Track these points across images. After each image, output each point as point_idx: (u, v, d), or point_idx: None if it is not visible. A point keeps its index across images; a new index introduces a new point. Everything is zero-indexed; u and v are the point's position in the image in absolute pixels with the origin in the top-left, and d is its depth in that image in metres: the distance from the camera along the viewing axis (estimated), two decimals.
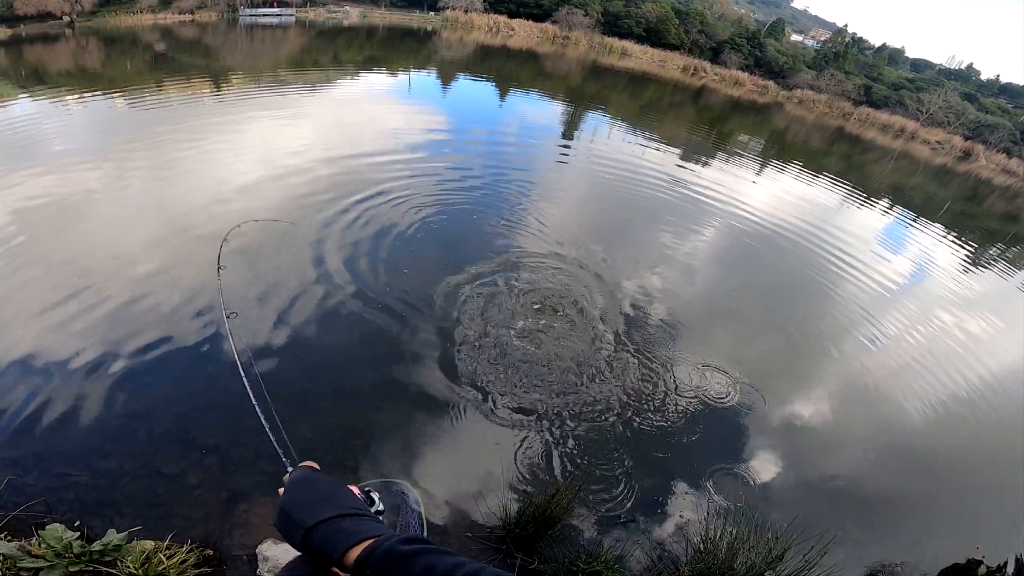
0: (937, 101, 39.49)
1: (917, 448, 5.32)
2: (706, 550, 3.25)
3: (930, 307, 8.79)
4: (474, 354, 4.93)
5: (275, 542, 2.85)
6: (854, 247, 10.50)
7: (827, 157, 22.85)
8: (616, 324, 5.86)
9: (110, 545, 2.48)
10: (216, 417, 3.89)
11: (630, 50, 42.06)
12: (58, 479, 3.27)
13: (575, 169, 11.83)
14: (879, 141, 32.42)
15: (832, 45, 48.31)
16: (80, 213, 6.51)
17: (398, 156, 9.93)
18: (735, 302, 7.12)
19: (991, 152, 35.94)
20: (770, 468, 4.49)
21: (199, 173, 8.04)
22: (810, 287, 8.37)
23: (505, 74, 25.41)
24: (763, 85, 41.13)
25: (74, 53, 19.28)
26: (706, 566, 3.10)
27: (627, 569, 3.30)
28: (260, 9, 32.18)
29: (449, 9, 40.28)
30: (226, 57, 21.09)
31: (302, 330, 4.95)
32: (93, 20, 25.36)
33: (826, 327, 7.15)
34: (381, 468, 3.66)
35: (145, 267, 5.49)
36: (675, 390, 5.06)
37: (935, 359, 7.02)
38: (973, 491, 4.98)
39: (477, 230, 7.53)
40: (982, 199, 24.22)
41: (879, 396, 5.97)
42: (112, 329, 4.58)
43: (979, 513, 4.71)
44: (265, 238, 6.25)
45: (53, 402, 3.82)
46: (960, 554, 4.17)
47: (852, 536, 4.06)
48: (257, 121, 11.34)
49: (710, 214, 10.39)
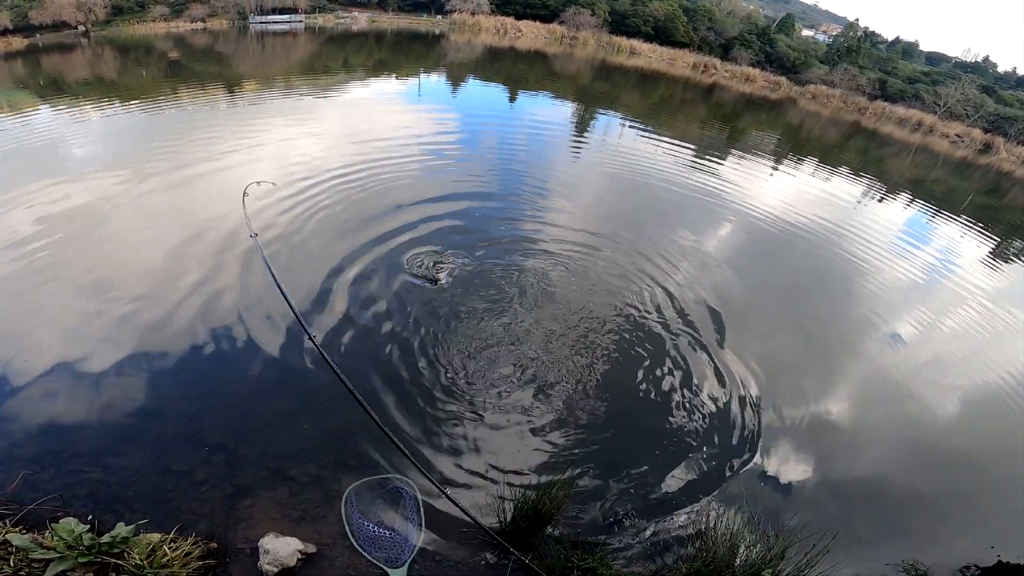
0: (955, 94, 38.61)
1: (929, 446, 5.23)
2: (705, 547, 3.23)
3: (950, 305, 8.59)
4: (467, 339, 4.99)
5: (276, 536, 2.90)
6: (874, 242, 10.35)
7: (844, 152, 22.49)
8: (621, 320, 5.86)
9: (118, 537, 2.55)
10: (223, 416, 3.99)
11: (639, 49, 41.81)
12: (73, 475, 3.39)
13: (588, 168, 11.81)
14: (896, 136, 31.80)
15: (844, 40, 47.54)
16: (98, 218, 6.69)
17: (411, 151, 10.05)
18: (746, 299, 7.04)
19: (1012, 145, 35.03)
20: (773, 465, 4.45)
21: (213, 179, 8.21)
22: (826, 283, 8.25)
23: (514, 76, 25.46)
24: (775, 81, 40.59)
25: (90, 62, 19.76)
26: (704, 563, 3.07)
27: (623, 565, 3.30)
28: (270, 16, 32.67)
29: (456, 12, 40.49)
30: (239, 63, 21.44)
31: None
32: (107, 29, 25.96)
33: (839, 324, 7.05)
34: (379, 465, 3.73)
35: (158, 273, 5.63)
36: (676, 386, 5.04)
37: (952, 356, 6.88)
38: (987, 491, 4.86)
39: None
40: (1004, 192, 23.63)
41: (890, 393, 5.88)
42: (124, 333, 4.71)
43: (994, 513, 4.60)
44: (281, 248, 6.38)
45: (69, 402, 3.95)
46: (974, 555, 4.07)
47: (860, 535, 4.00)
48: (278, 126, 11.51)
49: (726, 210, 10.31)
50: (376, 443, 3.89)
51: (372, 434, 3.96)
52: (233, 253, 6.09)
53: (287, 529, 3.08)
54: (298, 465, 3.63)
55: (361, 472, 3.54)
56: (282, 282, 4.58)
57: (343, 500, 2.75)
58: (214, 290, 5.40)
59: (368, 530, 2.67)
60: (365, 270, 6.10)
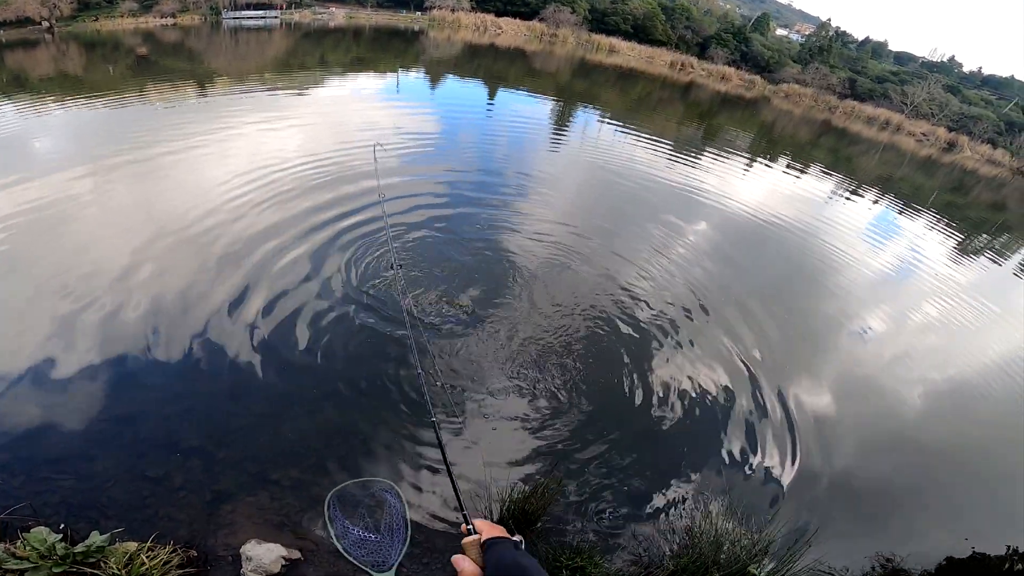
0: (921, 94, 39.94)
1: (905, 440, 5.37)
2: (691, 544, 3.28)
3: (920, 298, 8.92)
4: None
5: (259, 542, 2.86)
6: (844, 239, 10.64)
7: (815, 150, 23.04)
8: (601, 319, 5.91)
9: (93, 547, 2.49)
10: (200, 419, 3.90)
11: (617, 47, 42.13)
12: (43, 483, 3.28)
13: (567, 165, 11.86)
14: (865, 134, 32.72)
15: (816, 39, 48.69)
16: (61, 217, 6.44)
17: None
18: (724, 295, 7.16)
19: (975, 143, 36.42)
20: (756, 462, 4.54)
21: (179, 180, 8.00)
22: (800, 280, 8.46)
23: (495, 73, 25.38)
24: (750, 80, 41.39)
25: (55, 58, 19.03)
26: (690, 560, 3.12)
27: (611, 563, 3.33)
28: (244, 12, 31.89)
29: (436, 8, 40.15)
30: (211, 60, 20.91)
31: (295, 333, 4.96)
32: (73, 25, 25.03)
33: (816, 320, 7.23)
34: (362, 468, 3.70)
35: (126, 274, 5.44)
36: (659, 384, 5.12)
37: (924, 350, 7.12)
38: (961, 483, 5.03)
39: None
40: (968, 189, 24.52)
41: (868, 388, 6.03)
42: (95, 335, 4.56)
43: (967, 504, 4.76)
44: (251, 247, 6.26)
45: (37, 407, 3.82)
46: (949, 546, 4.21)
47: (840, 529, 4.09)
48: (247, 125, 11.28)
49: (703, 207, 10.47)
50: (358, 445, 3.86)
51: (354, 436, 3.94)
52: (206, 251, 5.95)
53: (269, 535, 3.03)
54: (279, 469, 3.57)
55: (343, 475, 3.51)
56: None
57: (326, 504, 2.70)
58: (186, 289, 5.26)
59: (353, 534, 2.64)
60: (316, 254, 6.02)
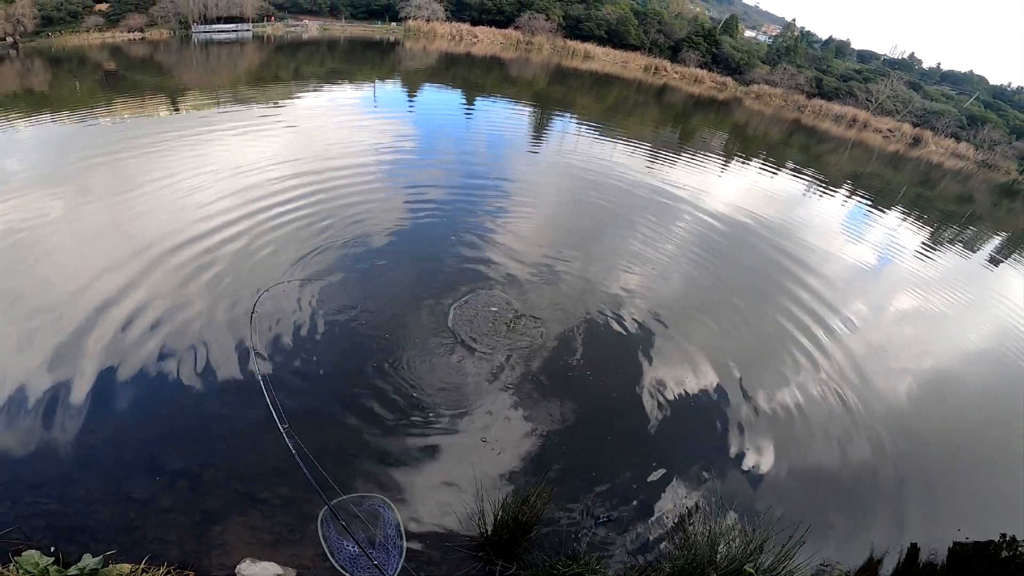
0: (884, 91, 41.25)
1: (894, 433, 5.40)
2: (687, 545, 3.28)
3: (895, 290, 9.17)
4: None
5: (253, 561, 2.81)
6: (818, 235, 10.91)
7: (787, 149, 23.62)
8: (586, 326, 5.97)
9: (86, 569, 2.45)
10: (184, 441, 3.83)
11: (593, 52, 42.73)
12: (29, 507, 3.21)
13: (544, 172, 11.94)
14: (834, 131, 33.64)
15: (783, 40, 50.03)
16: (32, 241, 6.26)
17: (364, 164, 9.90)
18: (708, 297, 7.28)
19: (940, 137, 37.70)
20: (747, 460, 4.60)
21: (153, 195, 7.84)
22: (777, 276, 8.59)
23: (471, 81, 25.47)
24: (721, 81, 42.31)
25: (19, 74, 18.57)
26: (687, 561, 3.13)
27: (608, 569, 3.33)
28: (215, 25, 31.49)
29: (411, 19, 40.17)
30: (181, 74, 20.60)
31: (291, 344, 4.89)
32: (37, 40, 24.46)
33: (795, 316, 7.29)
34: (358, 483, 3.67)
35: (101, 295, 5.31)
36: (647, 388, 5.17)
37: (905, 342, 7.27)
38: (953, 474, 5.13)
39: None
40: (935, 183, 25.37)
41: (853, 382, 6.08)
42: (71, 358, 4.45)
43: (959, 494, 4.85)
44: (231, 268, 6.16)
45: (18, 432, 3.72)
46: (942, 536, 4.29)
47: (833, 523, 4.15)
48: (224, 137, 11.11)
49: (678, 211, 10.62)
50: (348, 460, 3.82)
51: (342, 451, 3.90)
52: (179, 271, 5.85)
53: (263, 554, 2.98)
54: (267, 487, 3.52)
55: (334, 492, 3.45)
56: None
57: (319, 521, 2.69)
58: (164, 311, 5.16)
59: (348, 550, 2.62)
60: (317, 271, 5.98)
